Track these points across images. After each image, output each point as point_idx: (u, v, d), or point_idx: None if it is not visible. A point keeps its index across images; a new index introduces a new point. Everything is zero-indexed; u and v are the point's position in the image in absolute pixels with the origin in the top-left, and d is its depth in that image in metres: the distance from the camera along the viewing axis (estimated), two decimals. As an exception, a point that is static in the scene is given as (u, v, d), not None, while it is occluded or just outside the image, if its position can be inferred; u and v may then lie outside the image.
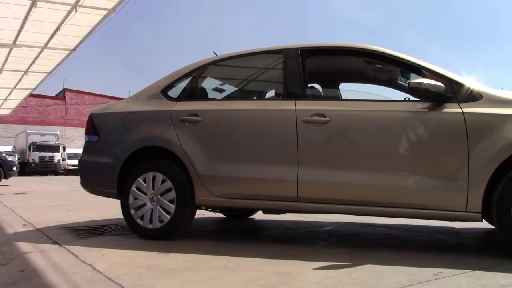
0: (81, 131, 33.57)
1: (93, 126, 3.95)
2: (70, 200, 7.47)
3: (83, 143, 4.20)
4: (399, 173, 2.95)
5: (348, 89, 4.26)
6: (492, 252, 3.04)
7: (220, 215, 5.05)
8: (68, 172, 29.17)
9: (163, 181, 3.50)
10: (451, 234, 3.82)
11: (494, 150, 2.72)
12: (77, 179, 4.61)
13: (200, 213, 4.95)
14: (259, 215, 5.00)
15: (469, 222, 2.89)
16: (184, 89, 3.82)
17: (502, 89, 3.05)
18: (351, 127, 3.12)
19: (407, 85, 3.29)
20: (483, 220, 2.86)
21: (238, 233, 4.10)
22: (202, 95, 3.86)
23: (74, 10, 10.79)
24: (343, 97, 4.00)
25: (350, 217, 4.67)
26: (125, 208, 3.61)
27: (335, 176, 3.07)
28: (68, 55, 14.62)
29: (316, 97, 3.69)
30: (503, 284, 2.17)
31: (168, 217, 3.44)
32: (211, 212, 4.57)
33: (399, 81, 3.77)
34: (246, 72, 4.18)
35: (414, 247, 3.29)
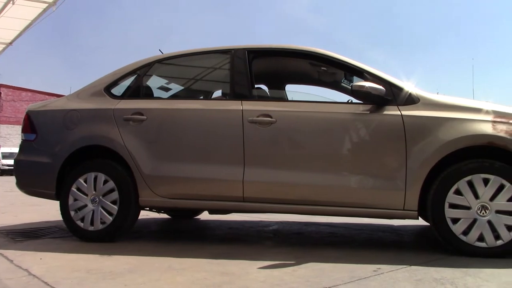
0: (18, 129, 31.99)
1: (30, 124, 3.75)
2: (5, 202, 7.06)
3: (19, 141, 3.99)
4: (342, 173, 3.04)
5: (294, 91, 4.33)
6: (427, 248, 3.20)
7: (165, 215, 4.97)
8: (3, 172, 27.70)
9: (105, 182, 3.39)
10: (390, 231, 3.98)
11: (430, 151, 2.86)
12: (12, 179, 4.37)
13: (144, 214, 4.85)
14: (204, 216, 4.97)
15: (407, 220, 3.03)
16: (129, 87, 3.72)
17: (437, 93, 3.23)
18: (296, 128, 3.18)
19: (350, 87, 3.40)
20: (419, 217, 3.01)
21: (183, 233, 4.05)
22: (147, 93, 3.78)
23: (11, 2, 10.23)
24: (289, 98, 4.06)
25: (295, 217, 4.76)
26: (64, 209, 3.46)
27: (281, 176, 3.11)
28: (4, 49, 13.86)
29: (263, 97, 3.72)
30: (436, 278, 2.29)
31: (111, 218, 3.34)
32: (156, 213, 4.50)
33: (342, 84, 3.88)
34: (193, 72, 4.14)
35: (356, 244, 3.40)
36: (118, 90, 3.70)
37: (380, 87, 3.01)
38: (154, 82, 3.94)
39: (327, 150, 3.10)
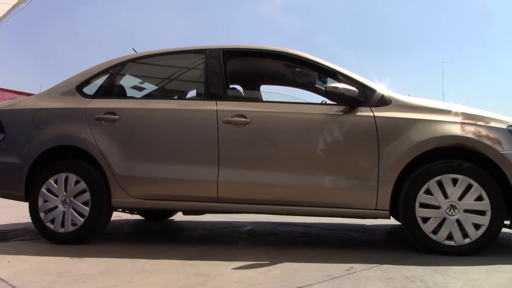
0: (-15, 128, 30.92)
1: (-2, 123, 3.64)
2: (-29, 204, 6.83)
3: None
4: (316, 174, 3.06)
5: (268, 91, 4.35)
6: (399, 247, 3.26)
7: (138, 217, 4.91)
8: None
9: (76, 182, 3.33)
10: (362, 231, 4.04)
11: (401, 152, 2.92)
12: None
13: (117, 215, 4.79)
14: (178, 216, 4.94)
15: (379, 219, 3.08)
16: (101, 86, 3.66)
17: (409, 95, 3.30)
18: (271, 129, 3.19)
19: (324, 89, 3.43)
20: (391, 217, 3.07)
21: (156, 235, 4.01)
22: (120, 93, 3.72)
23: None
24: (264, 99, 4.07)
25: (270, 217, 4.78)
26: (33, 211, 3.37)
27: (255, 177, 3.11)
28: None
29: (237, 98, 3.72)
30: (407, 276, 2.34)
31: (82, 220, 3.27)
32: (129, 214, 4.44)
33: (317, 85, 3.92)
34: (167, 71, 4.10)
35: (329, 244, 3.43)
36: (90, 89, 3.64)
37: (354, 88, 3.05)
38: (128, 81, 3.89)
39: (301, 150, 3.12)
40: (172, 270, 2.53)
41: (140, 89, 4.09)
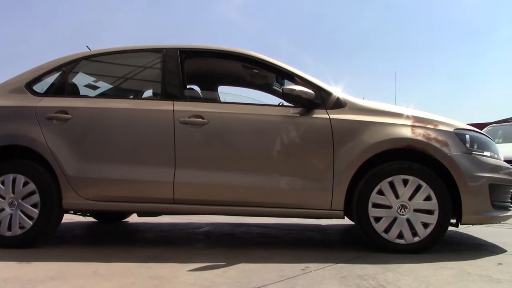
0: None
1: None
2: None
3: None
4: (273, 174, 3.09)
5: (226, 92, 4.34)
6: (352, 246, 3.34)
7: (91, 219, 4.77)
8: None
9: (25, 184, 3.19)
10: (317, 231, 4.12)
11: (355, 153, 3.00)
12: None
13: (69, 218, 4.63)
14: (133, 218, 4.84)
15: (334, 219, 3.15)
16: (53, 84, 3.53)
17: (363, 98, 3.39)
18: (228, 129, 3.19)
19: (281, 90, 3.47)
20: (345, 217, 3.14)
21: (110, 237, 3.91)
22: (73, 91, 3.60)
23: None
24: (222, 100, 4.06)
25: (227, 218, 4.77)
26: (-22, 214, 3.20)
27: (212, 178, 3.10)
28: None
29: (195, 98, 3.69)
30: (360, 274, 2.41)
31: (31, 223, 3.14)
32: (81, 216, 4.31)
33: (274, 87, 3.96)
34: (123, 70, 4.00)
35: (285, 244, 3.47)
36: (40, 86, 3.50)
37: (310, 91, 3.10)
38: (81, 79, 3.77)
39: (258, 151, 3.14)
40: (127, 273, 2.48)
41: (94, 87, 3.97)
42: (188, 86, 3.64)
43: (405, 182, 2.97)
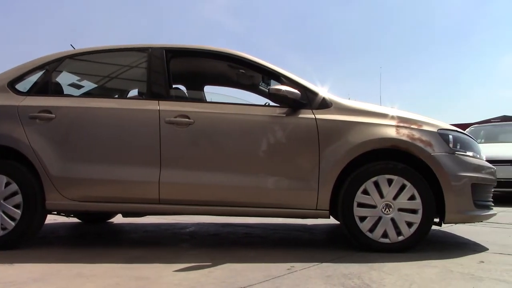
0: None
1: None
2: None
3: None
4: (259, 174, 3.09)
5: (212, 92, 4.33)
6: (338, 245, 3.36)
7: (75, 219, 4.72)
8: None
9: (7, 184, 3.14)
10: (303, 230, 4.13)
11: (340, 153, 3.02)
12: None
13: (52, 218, 4.58)
14: (118, 219, 4.79)
15: (319, 219, 3.17)
16: (36, 83, 3.48)
17: (349, 98, 3.41)
18: (214, 129, 3.18)
19: (267, 90, 3.47)
20: (330, 216, 3.16)
21: (94, 238, 3.87)
22: (57, 90, 3.56)
23: None
24: (208, 100, 4.05)
25: (212, 218, 4.76)
26: (-42, 215, 3.14)
27: (198, 178, 3.09)
28: None
29: (181, 98, 3.67)
30: (345, 273, 2.42)
31: (13, 224, 3.10)
32: (65, 217, 4.25)
33: (260, 87, 3.96)
34: (108, 69, 3.97)
35: (271, 244, 3.48)
36: (23, 85, 3.45)
37: (296, 91, 3.12)
38: (65, 78, 3.72)
39: (244, 151, 3.14)
40: (111, 274, 2.45)
41: (78, 87, 3.93)
42: (174, 86, 3.62)
43: (390, 181, 2.99)
